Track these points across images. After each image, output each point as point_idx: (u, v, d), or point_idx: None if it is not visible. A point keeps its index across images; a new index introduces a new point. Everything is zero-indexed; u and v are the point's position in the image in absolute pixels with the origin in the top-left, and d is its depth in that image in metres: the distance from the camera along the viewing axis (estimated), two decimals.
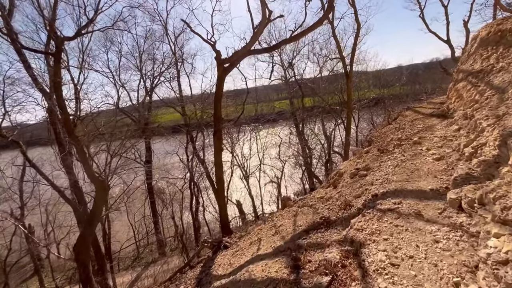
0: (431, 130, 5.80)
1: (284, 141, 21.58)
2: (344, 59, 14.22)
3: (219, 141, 9.15)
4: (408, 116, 8.06)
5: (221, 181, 9.48)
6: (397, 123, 7.76)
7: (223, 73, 8.80)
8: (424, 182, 3.87)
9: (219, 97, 9.01)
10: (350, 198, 4.42)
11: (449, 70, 15.36)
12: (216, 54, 8.77)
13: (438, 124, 6.13)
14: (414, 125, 6.75)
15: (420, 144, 5.20)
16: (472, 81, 6.09)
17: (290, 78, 21.86)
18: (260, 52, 8.81)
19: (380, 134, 7.93)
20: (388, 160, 5.11)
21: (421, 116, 7.44)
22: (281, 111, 27.76)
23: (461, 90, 6.45)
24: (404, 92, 27.85)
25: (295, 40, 8.38)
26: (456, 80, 6.99)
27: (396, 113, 9.08)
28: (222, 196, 9.60)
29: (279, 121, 30.26)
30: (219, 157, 9.27)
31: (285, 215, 5.78)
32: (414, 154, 4.84)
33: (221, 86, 8.92)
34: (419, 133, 5.83)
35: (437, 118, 6.88)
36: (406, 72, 31.04)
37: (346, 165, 6.59)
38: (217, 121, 9.07)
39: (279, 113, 29.56)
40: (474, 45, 6.87)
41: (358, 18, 12.97)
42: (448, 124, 5.72)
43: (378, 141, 7.11)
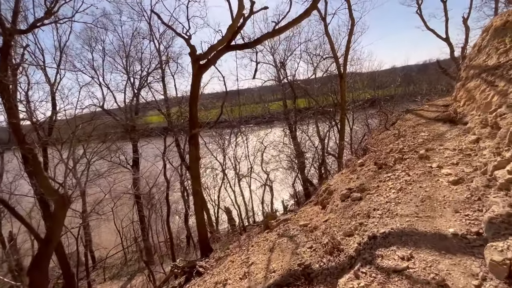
0: (440, 140, 4.63)
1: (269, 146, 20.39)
2: (337, 59, 13.07)
3: (196, 149, 7.92)
4: (408, 120, 6.90)
5: (199, 194, 8.25)
6: (396, 128, 6.60)
7: (199, 71, 7.58)
8: (442, 220, 2.69)
9: (195, 98, 7.78)
10: (340, 235, 3.24)
11: (448, 70, 14.31)
12: (190, 49, 7.55)
13: (447, 132, 4.97)
14: (417, 132, 5.58)
15: (428, 160, 4.03)
16: (487, 80, 4.97)
17: (283, 79, 20.73)
18: (240, 48, 7.61)
19: (376, 142, 6.76)
20: (389, 179, 3.93)
21: (424, 121, 6.28)
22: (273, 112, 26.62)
23: (473, 91, 5.33)
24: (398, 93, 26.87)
25: (279, 33, 7.19)
26: (466, 78, 5.85)
27: (394, 117, 7.92)
28: (199, 211, 8.37)
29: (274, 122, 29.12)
30: (196, 167, 8.05)
31: (262, 245, 4.58)
32: (423, 174, 3.66)
33: (196, 86, 7.69)
34: (425, 143, 4.66)
35: (444, 124, 5.74)
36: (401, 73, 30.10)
37: (337, 181, 5.40)
38: (192, 125, 7.85)
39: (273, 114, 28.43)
40: (486, 38, 5.76)
41: (352, 14, 11.86)
42: (461, 133, 4.56)
43: (375, 150, 5.94)
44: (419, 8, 13.62)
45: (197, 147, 7.96)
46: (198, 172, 8.04)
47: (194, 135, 7.77)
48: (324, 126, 20.76)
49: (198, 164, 8.04)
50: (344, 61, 12.54)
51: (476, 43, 6.21)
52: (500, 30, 5.28)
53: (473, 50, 6.28)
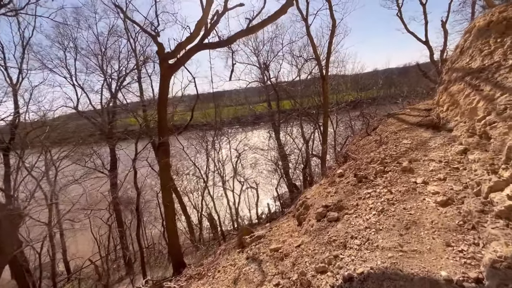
0: (424, 149, 4.17)
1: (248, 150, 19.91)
2: (319, 60, 12.67)
3: (166, 156, 7.16)
4: (390, 125, 6.49)
5: (170, 206, 7.48)
6: (378, 134, 6.16)
7: (167, 71, 6.84)
8: (431, 257, 2.16)
9: (164, 102, 7.03)
10: (311, 270, 2.65)
11: (428, 73, 14.28)
12: (157, 47, 6.80)
13: (431, 139, 4.54)
14: (399, 139, 5.14)
15: (412, 173, 3.54)
16: (471, 83, 4.59)
17: (268, 81, 20.26)
18: (213, 46, 6.95)
19: (357, 148, 6.29)
20: (369, 196, 3.40)
21: (406, 127, 5.87)
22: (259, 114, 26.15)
23: (456, 95, 4.96)
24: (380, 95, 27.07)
25: (253, 32, 6.61)
26: (449, 82, 5.48)
27: (376, 121, 7.52)
28: (171, 224, 7.61)
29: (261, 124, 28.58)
30: (166, 176, 7.30)
31: (228, 272, 3.94)
32: (406, 191, 3.16)
33: (165, 88, 6.94)
34: (408, 153, 4.19)
35: (427, 130, 5.34)
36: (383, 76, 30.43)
37: (314, 193, 4.85)
38: (162, 131, 7.09)
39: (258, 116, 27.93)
40: (469, 39, 5.43)
41: (333, 15, 11.47)
42: (446, 141, 4.12)
43: (355, 158, 5.46)
44: (400, 11, 13.50)
45: (167, 155, 7.21)
46: (169, 182, 7.28)
47: (164, 142, 7.02)
48: (309, 128, 20.44)
49: (169, 173, 7.28)
50: (326, 63, 12.15)
51: (458, 45, 5.87)
52: (483, 30, 4.93)
53: (455, 52, 5.95)
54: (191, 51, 7.14)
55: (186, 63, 7.57)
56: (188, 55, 7.03)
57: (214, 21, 6.99)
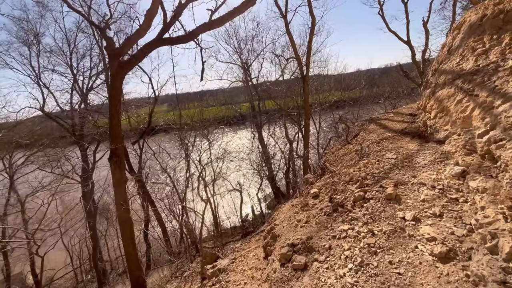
0: (412, 167, 3.40)
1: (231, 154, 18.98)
2: (300, 59, 11.88)
3: (119, 169, 6.09)
4: (372, 132, 5.75)
5: (127, 223, 6.42)
6: (358, 142, 5.40)
7: (118, 71, 5.76)
8: None
9: (116, 105, 5.95)
10: None
11: (410, 73, 13.88)
12: (106, 42, 5.71)
13: (419, 153, 3.79)
14: (382, 151, 4.37)
15: (399, 203, 2.74)
16: (464, 88, 3.90)
17: (250, 81, 19.36)
18: (173, 42, 5.93)
19: (336, 159, 5.51)
20: (345, 236, 2.57)
21: (390, 135, 5.14)
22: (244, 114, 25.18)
23: (446, 101, 4.27)
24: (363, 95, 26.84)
25: (219, 24, 5.66)
26: (436, 85, 4.78)
27: (357, 126, 6.78)
28: (129, 244, 6.55)
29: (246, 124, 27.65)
30: (122, 191, 6.22)
31: None
32: (393, 233, 2.35)
33: (116, 89, 5.86)
34: (393, 172, 3.41)
35: (412, 140, 4.62)
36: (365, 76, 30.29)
37: (284, 218, 4.00)
38: (114, 139, 6.01)
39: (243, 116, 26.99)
40: (459, 36, 4.75)
41: (313, 11, 10.69)
42: (438, 158, 3.37)
43: (333, 172, 4.66)
44: (381, 9, 12.92)
45: (121, 166, 6.13)
46: (125, 197, 6.22)
47: (116, 151, 5.94)
48: (293, 128, 19.75)
49: (125, 187, 6.21)
50: (307, 62, 11.38)
51: (446, 43, 5.20)
52: (476, 26, 4.25)
53: (442, 52, 5.28)
54: (148, 47, 6.09)
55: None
56: (144, 52, 5.97)
57: (176, 13, 5.98)
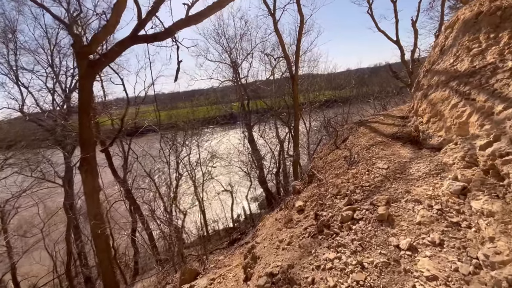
0: (405, 180, 3.04)
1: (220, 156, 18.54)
2: (289, 58, 11.50)
3: (91, 177, 5.54)
4: (361, 136, 5.41)
5: (102, 237, 5.88)
6: (347, 148, 5.05)
7: (88, 71, 5.20)
8: None
9: (86, 109, 5.39)
10: None
11: (399, 74, 13.71)
12: (73, 40, 5.13)
13: (413, 162, 3.44)
14: (372, 159, 4.02)
15: (392, 226, 2.37)
16: (459, 90, 3.58)
17: (240, 80, 18.89)
18: (148, 39, 5.41)
19: (324, 165, 5.13)
20: (331, 268, 2.17)
21: (380, 140, 4.79)
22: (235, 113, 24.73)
23: (439, 105, 3.95)
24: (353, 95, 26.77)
25: (197, 21, 5.17)
26: (429, 87, 4.46)
27: (346, 129, 6.43)
28: (104, 258, 6.02)
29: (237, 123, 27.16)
30: (95, 202, 5.68)
31: None
32: (386, 265, 1.97)
33: (85, 91, 5.29)
34: (385, 185, 3.04)
35: (404, 146, 4.29)
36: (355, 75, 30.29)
37: (266, 235, 3.59)
38: (85, 145, 5.46)
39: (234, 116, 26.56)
40: (451, 35, 4.44)
41: (301, 9, 10.31)
42: (433, 170, 3.02)
43: (321, 181, 4.28)
44: (370, 8, 12.67)
45: (93, 174, 5.58)
46: (98, 208, 5.67)
47: (87, 158, 5.39)
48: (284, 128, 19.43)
49: (98, 197, 5.67)
50: (296, 61, 10.99)
51: (438, 42, 4.89)
52: (471, 24, 3.93)
53: (434, 52, 4.97)
54: (121, 45, 5.54)
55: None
56: (116, 51, 5.42)
57: (152, 8, 5.45)
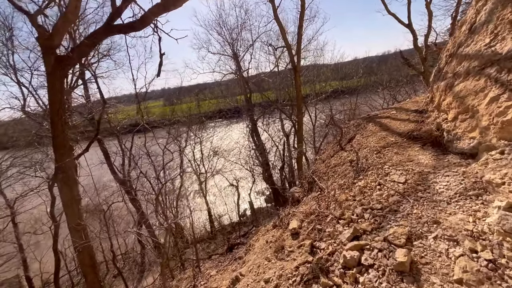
0: (431, 202, 2.25)
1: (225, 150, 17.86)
2: (290, 48, 10.54)
3: (68, 187, 4.97)
4: (370, 135, 4.57)
5: (86, 251, 5.34)
6: (354, 150, 4.23)
7: (57, 68, 4.53)
8: None
9: (57, 111, 4.76)
10: None
11: (411, 60, 12.48)
12: (37, 33, 4.44)
13: (439, 174, 2.62)
14: (384, 167, 3.21)
15: (417, 282, 1.62)
16: (500, 79, 2.70)
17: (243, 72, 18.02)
18: (125, 29, 4.67)
19: (327, 170, 4.35)
20: None
21: (393, 140, 3.96)
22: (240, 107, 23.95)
23: (471, 98, 3.07)
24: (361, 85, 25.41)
25: (176, 5, 4.34)
26: (455, 75, 3.56)
27: (352, 126, 5.58)
28: (89, 272, 5.51)
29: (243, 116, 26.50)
30: (74, 213, 5.12)
31: None
32: None
33: (55, 90, 4.64)
34: (403, 207, 2.27)
35: (424, 149, 3.45)
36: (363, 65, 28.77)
37: (252, 263, 2.90)
38: (59, 151, 4.87)
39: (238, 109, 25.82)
40: (486, 7, 3.47)
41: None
42: (469, 189, 2.21)
43: (322, 191, 3.53)
44: None
45: (70, 184, 5.00)
46: (79, 219, 5.12)
47: (62, 167, 4.80)
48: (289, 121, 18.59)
49: (78, 208, 5.10)
50: (297, 51, 10.02)
51: (466, 20, 3.93)
52: None
53: (460, 31, 4.02)
54: (93, 38, 4.82)
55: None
56: (88, 44, 4.71)
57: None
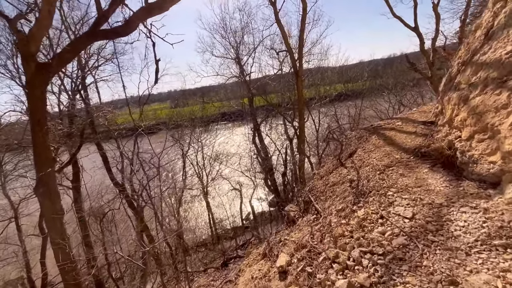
0: (445, 249, 1.83)
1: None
2: (292, 52, 10.15)
3: (50, 201, 4.67)
4: (374, 149, 4.13)
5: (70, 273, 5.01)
6: (355, 167, 3.81)
7: (37, 76, 4.25)
8: None
9: (38, 120, 4.47)
10: None
11: (417, 65, 11.94)
12: (17, 38, 4.17)
13: (453, 208, 2.20)
14: (388, 190, 2.79)
15: None
16: None
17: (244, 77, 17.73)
18: (110, 35, 4.40)
19: (325, 188, 3.93)
20: None
21: (399, 157, 3.52)
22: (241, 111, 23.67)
23: (490, 115, 2.61)
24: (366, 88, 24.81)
25: (161, 8, 4.03)
26: (470, 87, 3.11)
27: (354, 138, 5.15)
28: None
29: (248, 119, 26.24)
30: (57, 228, 4.81)
31: None
32: None
33: (36, 99, 4.37)
34: (411, 256, 1.85)
35: (434, 171, 3.02)
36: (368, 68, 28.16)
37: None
38: (40, 163, 4.58)
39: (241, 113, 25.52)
40: (506, 9, 3.02)
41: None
42: (495, 234, 1.78)
43: (318, 213, 3.13)
44: None
45: (52, 197, 4.70)
46: (63, 235, 4.82)
47: (43, 179, 4.51)
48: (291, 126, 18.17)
49: (60, 223, 4.79)
50: (299, 55, 9.63)
51: (481, 23, 3.47)
52: None
53: (474, 36, 3.57)
54: (78, 43, 4.53)
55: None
56: (71, 50, 4.42)
57: (112, 1, 4.39)
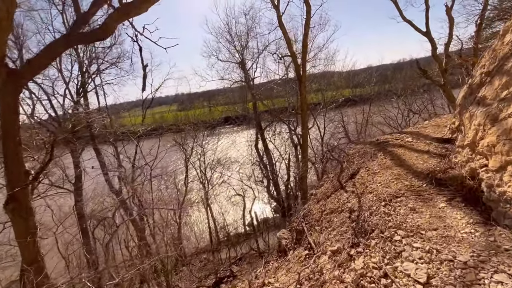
0: None
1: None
2: (295, 57, 9.66)
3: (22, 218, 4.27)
4: (379, 171, 3.55)
5: None
6: (356, 193, 3.24)
7: (8, 83, 3.89)
8: None
9: (11, 131, 4.10)
10: None
11: (428, 71, 11.20)
12: None
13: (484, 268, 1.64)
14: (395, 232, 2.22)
15: None
16: None
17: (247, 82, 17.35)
18: (87, 39, 4.03)
19: (321, 217, 3.37)
20: None
21: (409, 184, 2.93)
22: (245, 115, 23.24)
23: None
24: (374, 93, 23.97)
25: (139, 9, 3.59)
26: (500, 102, 2.51)
27: (357, 156, 4.56)
28: None
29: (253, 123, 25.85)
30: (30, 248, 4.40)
31: None
32: None
33: (8, 107, 4.00)
34: None
35: (453, 206, 2.43)
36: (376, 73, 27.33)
37: None
38: (11, 177, 4.21)
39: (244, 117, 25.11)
40: None
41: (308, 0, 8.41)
42: None
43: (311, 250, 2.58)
44: None
45: (25, 215, 4.30)
46: (35, 255, 4.41)
47: (15, 195, 4.12)
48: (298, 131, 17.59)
49: (33, 243, 4.37)
50: (303, 60, 9.09)
51: (510, 26, 2.89)
52: None
53: (503, 41, 2.95)
54: (56, 47, 4.16)
55: None
56: (44, 55, 4.05)
57: (94, 2, 4.01)
